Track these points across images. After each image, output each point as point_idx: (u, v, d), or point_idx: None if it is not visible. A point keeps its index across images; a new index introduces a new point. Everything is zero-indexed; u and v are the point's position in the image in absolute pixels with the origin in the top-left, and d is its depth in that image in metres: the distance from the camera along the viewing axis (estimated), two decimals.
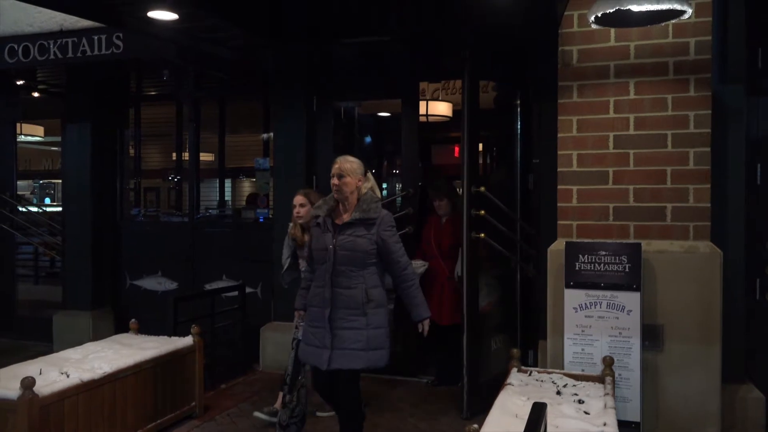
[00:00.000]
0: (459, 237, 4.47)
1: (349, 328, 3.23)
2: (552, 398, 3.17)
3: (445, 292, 4.90)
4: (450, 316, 4.82)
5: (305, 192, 4.23)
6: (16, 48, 5.78)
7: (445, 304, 4.86)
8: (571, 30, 4.05)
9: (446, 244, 4.96)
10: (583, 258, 3.83)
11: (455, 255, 4.81)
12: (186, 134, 6.64)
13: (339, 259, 3.25)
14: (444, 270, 4.94)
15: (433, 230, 5.04)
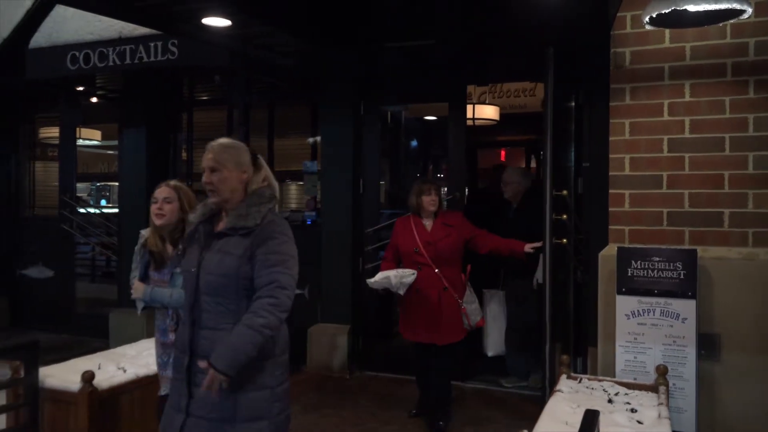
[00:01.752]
0: (463, 240, 4.18)
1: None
2: (603, 406, 3.11)
3: (443, 305, 4.09)
4: (449, 333, 4.13)
5: (174, 184, 3.00)
6: (77, 55, 6.02)
7: (443, 319, 4.09)
8: (624, 31, 3.99)
9: (444, 248, 4.14)
10: (635, 264, 3.75)
11: (457, 261, 4.21)
12: (236, 138, 6.77)
13: (202, 286, 2.29)
14: (438, 279, 4.09)
15: (417, 233, 4.18)
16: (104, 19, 5.70)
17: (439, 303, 4.09)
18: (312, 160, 6.35)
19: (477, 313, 4.24)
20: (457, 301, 4.13)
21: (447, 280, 4.10)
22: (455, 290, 4.13)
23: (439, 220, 4.22)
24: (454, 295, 4.12)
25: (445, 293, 4.10)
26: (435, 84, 5.49)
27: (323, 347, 5.50)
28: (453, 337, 4.14)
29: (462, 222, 4.26)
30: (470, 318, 4.17)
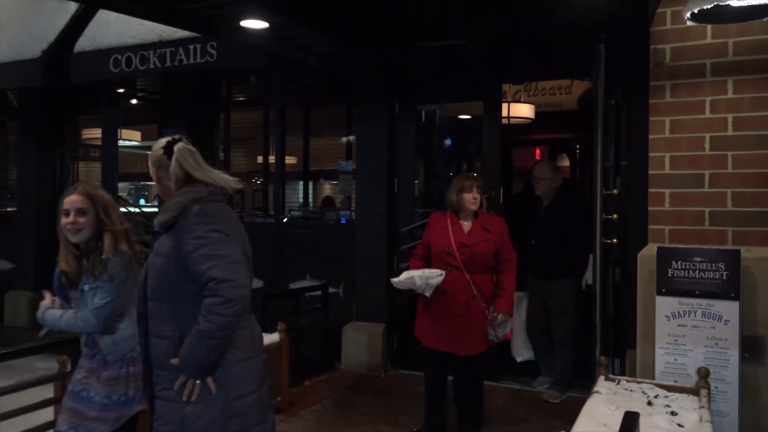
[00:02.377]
0: (500, 245, 3.80)
1: (163, 398, 2.12)
2: (642, 409, 3.06)
3: (471, 314, 3.75)
4: (473, 343, 3.79)
5: (86, 191, 2.60)
6: (119, 58, 6.18)
7: (469, 329, 3.76)
8: (664, 27, 3.91)
9: (480, 253, 3.75)
10: (676, 264, 3.68)
11: (489, 269, 3.84)
12: (272, 138, 6.88)
13: (148, 291, 2.16)
14: (467, 285, 3.73)
15: (452, 232, 3.80)
16: (145, 23, 5.84)
17: (467, 311, 3.73)
18: (347, 160, 6.40)
19: (505, 326, 3.86)
20: (483, 310, 3.77)
21: (477, 287, 3.74)
22: (483, 299, 3.78)
23: (478, 221, 3.82)
24: (482, 304, 3.77)
25: (474, 301, 3.74)
26: (470, 83, 5.48)
27: (358, 346, 5.54)
28: (475, 348, 3.79)
29: (501, 229, 3.86)
30: (497, 329, 3.82)
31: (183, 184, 2.16)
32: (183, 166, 2.17)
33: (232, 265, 2.03)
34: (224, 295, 1.98)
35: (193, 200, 2.10)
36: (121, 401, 2.53)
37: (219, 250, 2.03)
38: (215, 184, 2.17)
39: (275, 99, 6.77)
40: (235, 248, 2.09)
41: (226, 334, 2.02)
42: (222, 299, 1.98)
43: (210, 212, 2.09)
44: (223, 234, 2.08)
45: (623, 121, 4.67)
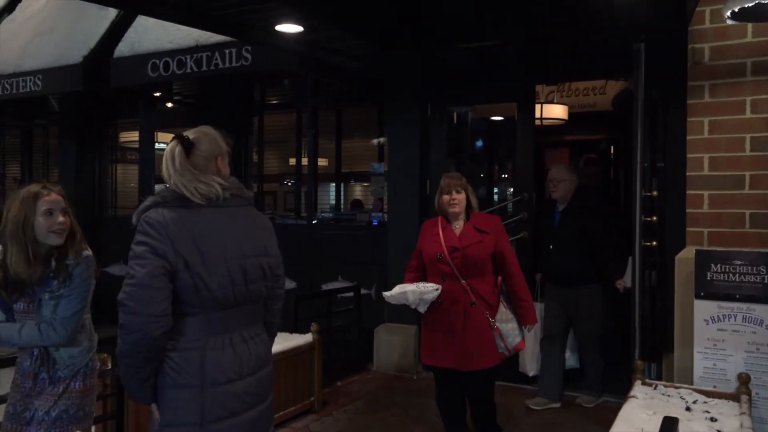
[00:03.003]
0: (493, 247, 3.41)
1: None
2: (681, 414, 3.01)
3: (469, 323, 3.36)
4: (477, 357, 3.36)
5: (61, 190, 2.51)
6: (157, 63, 6.31)
7: (472, 341, 3.36)
8: (703, 27, 3.85)
9: (473, 256, 3.38)
10: (715, 267, 3.61)
11: (489, 272, 3.45)
12: (304, 140, 6.94)
13: None
14: (464, 292, 3.37)
15: (443, 238, 3.44)
16: (182, 28, 5.95)
17: (465, 320, 3.36)
18: (379, 162, 6.42)
19: (515, 334, 3.44)
20: (487, 319, 3.37)
21: (475, 293, 3.37)
22: (486, 306, 3.39)
23: (470, 223, 3.46)
24: (484, 312, 3.37)
25: (473, 309, 3.36)
26: (503, 84, 5.45)
27: (390, 347, 5.55)
28: (482, 362, 3.36)
29: (497, 228, 3.48)
30: (506, 340, 3.40)
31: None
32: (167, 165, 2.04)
33: (132, 288, 1.86)
34: (121, 319, 1.87)
35: (156, 204, 1.99)
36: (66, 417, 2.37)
37: (132, 266, 1.89)
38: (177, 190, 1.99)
39: (308, 101, 6.84)
40: (152, 266, 1.87)
41: (131, 361, 1.89)
42: (119, 323, 1.88)
43: (154, 220, 1.93)
44: (149, 248, 1.89)
45: (660, 121, 4.59)
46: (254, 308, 2.12)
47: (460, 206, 3.46)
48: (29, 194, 2.35)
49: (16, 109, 9.02)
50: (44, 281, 2.34)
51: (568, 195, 4.59)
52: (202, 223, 1.98)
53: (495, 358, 3.41)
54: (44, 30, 7.77)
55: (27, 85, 7.38)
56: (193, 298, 1.93)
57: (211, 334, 1.97)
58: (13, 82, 7.51)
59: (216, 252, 1.97)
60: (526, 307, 3.47)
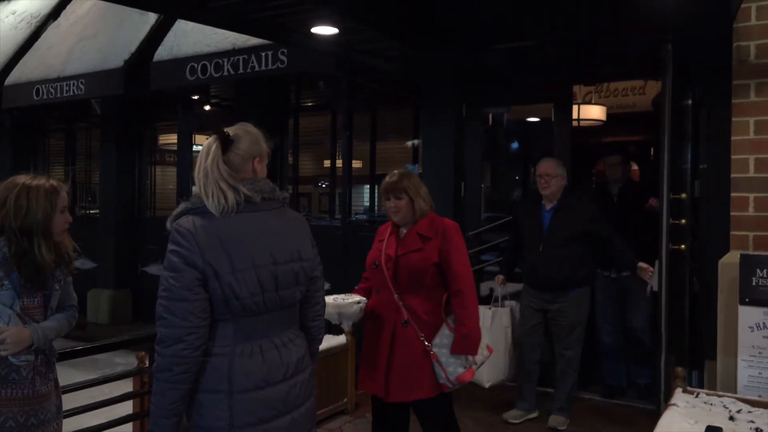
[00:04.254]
0: (437, 256, 2.93)
1: None
2: (724, 423, 2.92)
3: (397, 345, 2.91)
4: (403, 386, 2.89)
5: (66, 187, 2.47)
6: (195, 66, 6.42)
7: (395, 365, 2.90)
8: (748, 23, 3.73)
9: (408, 266, 2.93)
10: (761, 273, 3.49)
11: (430, 287, 2.96)
12: (339, 142, 6.97)
13: None
14: (396, 309, 2.92)
15: (387, 243, 3.03)
16: (219, 32, 6.05)
17: (393, 342, 2.91)
18: (413, 163, 6.41)
19: (458, 363, 2.88)
20: (422, 342, 2.88)
21: (410, 310, 2.90)
22: (422, 327, 2.90)
23: (414, 228, 3.00)
24: (418, 335, 2.88)
25: (405, 329, 2.90)
26: (540, 84, 5.37)
27: None
28: (407, 393, 2.89)
29: (446, 234, 2.95)
30: (446, 369, 2.87)
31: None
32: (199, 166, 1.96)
33: (167, 301, 1.86)
34: (159, 333, 1.87)
35: (188, 211, 1.95)
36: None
37: (164, 279, 1.87)
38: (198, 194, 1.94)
39: (342, 103, 6.87)
40: (185, 279, 1.85)
41: (170, 375, 1.85)
42: (157, 338, 1.87)
43: (184, 228, 1.89)
44: (181, 259, 1.86)
45: (702, 122, 4.47)
46: (287, 313, 2.07)
47: (401, 214, 3.00)
48: (50, 187, 2.34)
49: (60, 113, 9.30)
50: (53, 276, 2.36)
51: (559, 192, 4.30)
52: (233, 229, 1.93)
53: (429, 389, 2.89)
54: (87, 35, 7.98)
55: (70, 89, 7.59)
56: (222, 306, 1.90)
57: (240, 341, 1.94)
58: (58, 86, 7.73)
59: (245, 259, 1.93)
60: (462, 333, 2.89)
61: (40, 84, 7.94)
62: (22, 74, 8.34)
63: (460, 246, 2.98)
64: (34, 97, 7.97)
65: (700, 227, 4.43)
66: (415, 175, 3.17)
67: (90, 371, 4.69)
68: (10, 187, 2.28)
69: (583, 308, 4.30)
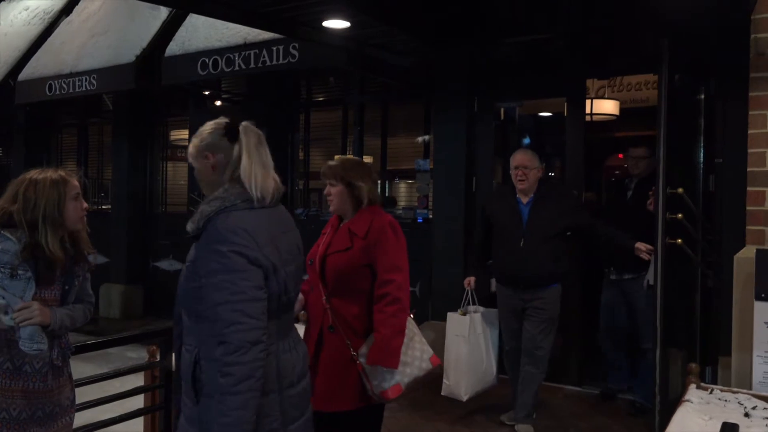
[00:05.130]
0: (366, 257, 2.66)
1: (182, 412, 1.95)
2: (739, 420, 2.88)
3: (323, 352, 2.67)
4: (326, 395, 2.61)
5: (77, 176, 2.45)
6: (207, 61, 6.42)
7: (320, 373, 2.63)
8: (766, 15, 3.67)
9: (335, 266, 2.68)
10: None
11: (360, 290, 2.69)
12: (350, 137, 6.96)
13: (179, 295, 1.98)
14: (323, 312, 2.68)
15: (324, 241, 2.81)
16: (231, 26, 6.04)
17: (318, 347, 2.67)
18: (425, 159, 6.39)
19: (384, 376, 2.62)
20: (348, 349, 2.62)
21: (336, 314, 2.65)
22: (350, 333, 2.64)
23: (347, 224, 2.75)
24: (345, 341, 2.62)
25: (332, 335, 2.65)
26: (553, 78, 5.33)
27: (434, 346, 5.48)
28: (328, 403, 2.60)
29: (378, 232, 2.66)
30: (371, 381, 2.61)
31: (228, 180, 1.89)
32: (250, 156, 1.87)
33: (242, 304, 1.75)
34: (233, 341, 1.72)
35: (223, 209, 1.84)
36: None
37: (226, 280, 1.75)
38: (244, 186, 1.86)
39: (354, 98, 6.85)
40: (255, 277, 1.78)
41: (253, 383, 1.74)
42: (233, 346, 1.72)
43: (237, 226, 1.80)
44: (244, 258, 1.77)
45: (718, 116, 4.41)
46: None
47: (335, 204, 2.77)
48: (58, 177, 2.32)
49: (72, 108, 9.34)
50: (71, 267, 2.36)
51: (535, 185, 4.11)
52: (273, 223, 1.91)
53: (351, 401, 2.63)
54: (99, 31, 8.01)
55: (83, 85, 7.62)
56: (275, 303, 1.85)
57: (281, 337, 1.93)
58: (70, 81, 7.77)
59: (288, 253, 1.93)
60: (377, 340, 2.59)
61: (52, 79, 7.97)
62: (35, 70, 8.38)
63: (394, 246, 2.69)
64: (47, 93, 8.01)
65: (716, 222, 4.38)
66: (365, 165, 2.91)
67: (102, 365, 4.71)
68: (20, 183, 2.31)
69: (558, 305, 4.11)
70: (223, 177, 1.91)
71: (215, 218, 1.82)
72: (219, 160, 1.92)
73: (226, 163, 1.91)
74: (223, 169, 1.91)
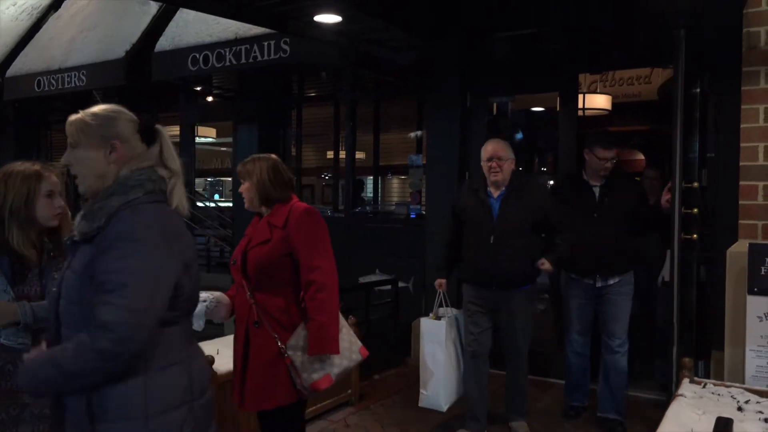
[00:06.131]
0: (286, 247, 2.62)
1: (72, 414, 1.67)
2: (732, 414, 2.88)
3: (251, 349, 2.63)
4: (257, 393, 2.61)
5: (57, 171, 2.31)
6: (197, 57, 6.38)
7: (249, 370, 2.63)
8: (759, 9, 3.68)
9: (255, 260, 2.64)
10: None
11: (284, 282, 2.64)
12: (343, 133, 6.93)
13: (60, 313, 1.69)
14: (248, 308, 2.65)
15: (245, 238, 2.79)
16: (222, 21, 6.00)
17: (246, 344, 2.64)
18: (417, 154, 6.38)
19: (314, 368, 2.55)
20: (276, 343, 2.56)
21: (262, 309, 2.59)
22: (276, 327, 2.58)
23: (267, 217, 2.72)
24: (272, 335, 2.57)
25: (258, 331, 2.59)
26: (544, 73, 5.31)
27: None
28: (263, 401, 2.60)
29: (299, 226, 2.62)
30: (301, 375, 2.55)
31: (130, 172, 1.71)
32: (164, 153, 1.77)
33: (127, 310, 1.52)
34: (103, 345, 1.51)
35: (129, 203, 1.64)
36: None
37: (129, 280, 1.54)
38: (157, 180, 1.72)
39: (346, 94, 6.82)
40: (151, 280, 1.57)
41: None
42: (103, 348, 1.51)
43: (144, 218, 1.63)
44: (147, 254, 1.58)
45: (711, 110, 4.41)
46: None
47: (246, 199, 2.75)
48: (32, 172, 2.22)
49: (62, 104, 9.27)
50: (49, 262, 2.26)
51: (509, 177, 3.75)
52: (177, 220, 1.76)
53: (282, 397, 2.58)
54: (88, 26, 7.94)
55: (72, 81, 7.56)
56: (185, 302, 1.72)
57: (190, 342, 1.79)
58: (59, 77, 7.70)
59: (192, 252, 1.79)
60: (312, 328, 2.53)
61: (41, 75, 7.91)
62: (23, 66, 8.31)
63: (315, 234, 2.64)
64: (36, 89, 7.94)
65: (708, 216, 4.39)
66: (275, 160, 2.85)
67: None
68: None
69: (533, 306, 3.87)
70: (123, 169, 1.71)
71: (124, 213, 1.62)
72: (124, 152, 1.72)
73: (130, 156, 1.73)
74: (125, 161, 1.72)
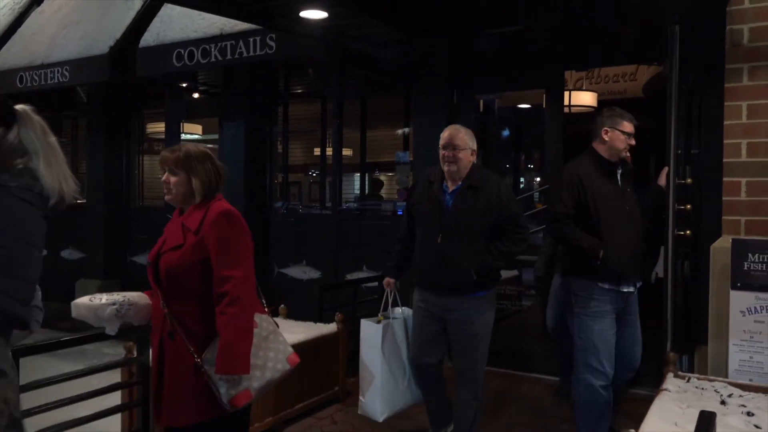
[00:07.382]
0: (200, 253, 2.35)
1: None
2: (715, 408, 2.91)
3: (166, 361, 2.41)
4: (174, 408, 2.39)
5: None
6: (182, 53, 6.32)
7: (165, 384, 2.40)
8: (742, 7, 3.71)
9: (167, 266, 2.39)
10: (753, 257, 3.49)
11: (199, 291, 2.36)
12: (329, 130, 6.91)
13: None
14: (163, 318, 2.41)
15: (162, 237, 2.54)
16: (207, 17, 5.95)
17: (161, 358, 2.43)
18: (404, 151, 6.37)
19: (232, 384, 2.30)
20: (191, 356, 2.32)
21: (176, 319, 2.36)
22: (192, 339, 2.35)
23: (182, 218, 2.48)
24: (188, 347, 2.33)
25: (171, 343, 2.37)
26: (531, 70, 5.34)
27: None
28: (177, 416, 2.38)
29: (213, 230, 2.35)
30: (219, 389, 2.30)
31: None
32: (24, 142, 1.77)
33: None
34: None
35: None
36: None
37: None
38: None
39: (332, 90, 6.79)
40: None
41: None
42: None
43: None
44: None
45: (695, 107, 4.44)
46: None
47: (172, 194, 2.48)
48: None
49: (45, 101, 9.13)
50: None
51: (467, 170, 3.31)
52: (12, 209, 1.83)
53: (202, 412, 2.35)
54: (71, 21, 7.84)
55: (55, 77, 7.47)
56: None
57: None
58: (42, 73, 7.60)
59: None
60: (221, 347, 2.27)
61: (23, 71, 7.80)
62: (5, 61, 8.19)
63: (230, 239, 2.35)
64: (18, 85, 7.83)
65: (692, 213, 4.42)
66: (207, 153, 2.58)
67: (78, 362, 4.63)
68: None
69: (490, 316, 3.40)
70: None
71: None
72: None
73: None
74: None
